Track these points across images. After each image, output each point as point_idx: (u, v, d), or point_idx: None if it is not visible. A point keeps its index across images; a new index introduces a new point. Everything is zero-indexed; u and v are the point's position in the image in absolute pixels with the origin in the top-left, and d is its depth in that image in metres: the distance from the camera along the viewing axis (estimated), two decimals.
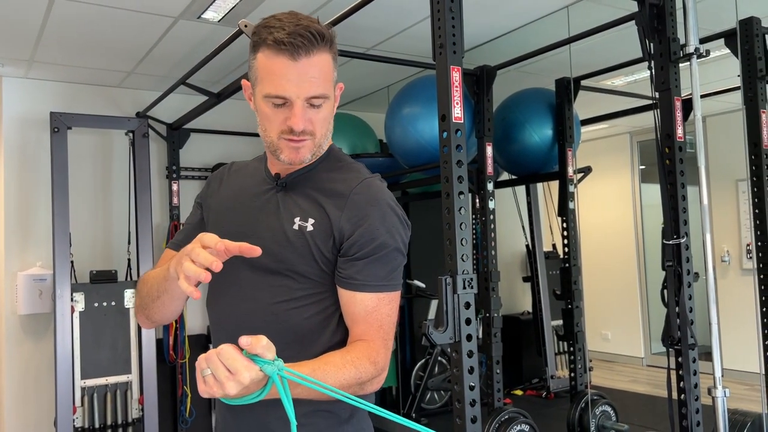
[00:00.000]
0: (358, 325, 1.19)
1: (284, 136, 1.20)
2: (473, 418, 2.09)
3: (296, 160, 1.23)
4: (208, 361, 0.92)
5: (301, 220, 1.22)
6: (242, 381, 0.91)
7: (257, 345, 0.92)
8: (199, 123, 4.38)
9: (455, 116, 2.14)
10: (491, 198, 3.72)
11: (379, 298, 1.20)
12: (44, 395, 4.07)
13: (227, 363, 0.91)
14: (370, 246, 1.19)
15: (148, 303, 1.27)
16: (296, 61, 1.16)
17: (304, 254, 1.20)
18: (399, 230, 1.23)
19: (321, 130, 1.23)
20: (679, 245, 2.53)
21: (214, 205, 1.37)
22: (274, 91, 1.17)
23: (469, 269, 2.12)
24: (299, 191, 1.27)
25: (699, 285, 2.61)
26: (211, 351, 0.92)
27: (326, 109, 1.22)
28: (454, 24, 2.16)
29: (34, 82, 4.25)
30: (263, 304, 1.22)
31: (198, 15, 3.22)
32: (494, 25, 3.56)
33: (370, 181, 1.25)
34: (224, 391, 0.91)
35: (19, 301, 3.95)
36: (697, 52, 2.52)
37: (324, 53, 1.19)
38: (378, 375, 1.16)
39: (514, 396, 5.24)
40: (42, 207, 4.14)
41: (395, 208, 1.24)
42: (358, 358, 1.12)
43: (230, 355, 0.91)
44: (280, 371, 0.94)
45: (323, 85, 1.19)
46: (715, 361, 2.48)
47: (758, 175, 2.98)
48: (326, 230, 1.20)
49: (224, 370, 0.91)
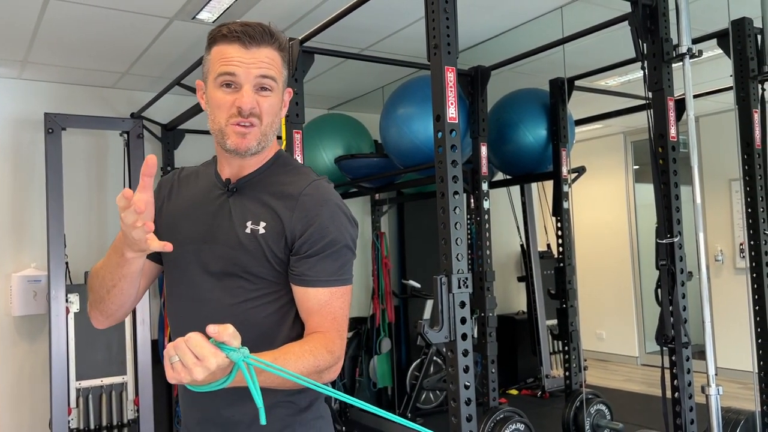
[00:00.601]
0: (313, 317, 1.24)
1: (232, 120, 1.24)
2: (469, 416, 2.10)
3: (242, 147, 1.26)
4: (176, 348, 0.95)
5: (252, 224, 1.26)
6: (209, 367, 0.94)
7: (224, 333, 0.95)
8: (194, 124, 4.37)
9: (450, 116, 2.15)
10: (486, 198, 3.74)
11: (331, 292, 1.24)
12: (39, 397, 4.06)
13: (195, 350, 0.94)
14: (321, 243, 1.23)
15: (103, 295, 1.29)
16: (247, 49, 1.23)
17: (257, 256, 1.24)
18: (348, 228, 1.28)
19: (267, 118, 1.27)
20: (672, 244, 2.55)
21: (165, 211, 1.39)
22: (225, 69, 1.23)
23: (464, 269, 2.13)
24: (249, 195, 1.30)
25: (692, 284, 2.62)
26: (179, 339, 0.95)
27: (273, 99, 1.27)
28: (449, 24, 2.17)
29: (28, 83, 4.24)
30: (222, 305, 1.26)
31: (193, 15, 3.22)
32: (488, 25, 3.58)
33: (318, 183, 1.30)
34: (191, 377, 0.94)
35: (13, 303, 3.94)
36: (690, 52, 2.54)
37: (274, 51, 1.26)
38: (335, 363, 1.20)
39: (509, 395, 5.26)
40: (36, 208, 4.13)
41: (343, 207, 1.29)
42: (316, 347, 1.17)
43: (198, 342, 0.94)
44: (246, 358, 0.98)
45: (273, 71, 1.26)
46: (709, 360, 2.50)
47: (751, 174, 3.00)
48: (278, 232, 1.24)
49: (192, 356, 0.94)
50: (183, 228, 1.34)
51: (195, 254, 1.30)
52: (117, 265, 1.23)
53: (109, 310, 1.32)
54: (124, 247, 1.16)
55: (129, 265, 1.22)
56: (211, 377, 0.96)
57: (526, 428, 3.41)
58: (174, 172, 1.47)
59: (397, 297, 5.19)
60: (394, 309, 5.11)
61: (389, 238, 5.33)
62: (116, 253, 1.22)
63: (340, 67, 4.19)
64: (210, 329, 0.95)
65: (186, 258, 1.31)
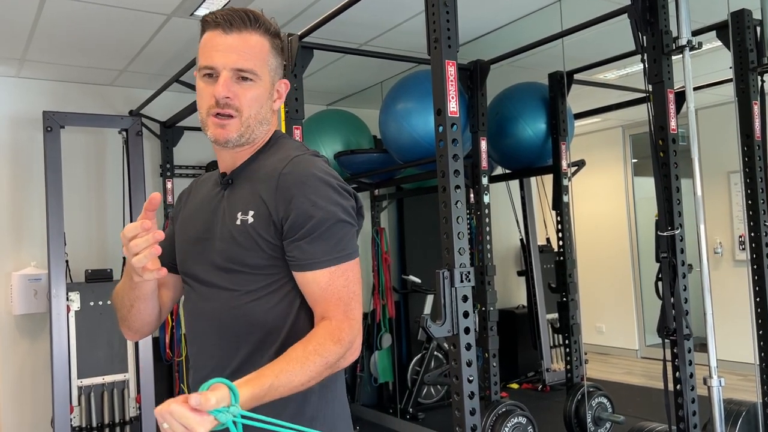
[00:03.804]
0: (318, 304, 1.19)
1: (212, 111, 1.23)
2: (472, 410, 2.11)
3: (221, 138, 1.24)
4: (162, 418, 0.94)
5: (242, 214, 1.23)
6: None
7: (206, 405, 0.93)
8: (193, 120, 4.36)
9: (451, 110, 2.15)
10: (486, 192, 3.74)
11: (330, 272, 1.18)
12: (41, 395, 4.06)
13: (180, 421, 0.92)
14: (308, 225, 1.17)
15: (125, 314, 1.32)
16: (228, 34, 1.21)
17: (251, 247, 1.21)
18: (336, 200, 1.19)
19: (249, 109, 1.24)
20: (673, 237, 2.55)
21: (179, 218, 1.42)
22: (204, 62, 1.23)
23: (467, 263, 2.13)
24: (241, 185, 1.28)
25: (693, 276, 2.63)
26: (163, 407, 0.94)
27: (257, 89, 1.24)
28: (449, 18, 2.17)
29: (26, 82, 4.22)
30: (224, 301, 1.24)
31: (190, 12, 3.21)
32: (487, 19, 3.57)
33: (299, 158, 1.23)
34: None
35: (13, 302, 3.93)
36: (690, 44, 2.53)
37: (259, 36, 1.23)
38: (347, 350, 1.15)
39: (510, 389, 5.27)
40: (36, 207, 4.12)
41: (327, 179, 1.20)
42: (320, 343, 1.12)
43: (181, 414, 0.93)
44: (236, 417, 0.96)
45: (253, 61, 1.22)
46: (711, 351, 2.50)
47: (750, 166, 3.01)
48: (266, 218, 1.20)
49: (180, 426, 0.93)
50: (189, 229, 1.34)
51: (199, 253, 1.29)
52: (129, 288, 1.27)
53: (134, 327, 1.35)
54: (131, 271, 1.19)
55: (139, 288, 1.25)
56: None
57: (528, 422, 3.42)
58: (193, 180, 1.49)
59: (397, 292, 5.19)
60: (395, 304, 5.11)
61: (389, 233, 5.33)
62: (127, 275, 1.25)
63: (338, 63, 4.19)
64: (192, 401, 0.92)
65: (192, 258, 1.31)
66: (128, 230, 1.12)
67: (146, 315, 1.32)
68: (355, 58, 3.95)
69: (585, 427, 3.73)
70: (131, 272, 1.20)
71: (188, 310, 1.35)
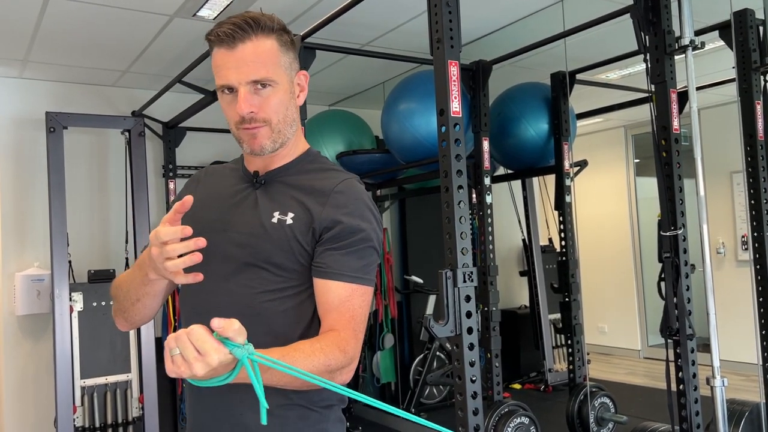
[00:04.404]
0: (330, 314, 1.19)
1: (239, 126, 1.24)
2: (475, 410, 2.11)
3: (256, 148, 1.25)
4: (177, 340, 0.90)
5: (280, 214, 1.24)
6: (210, 363, 0.89)
7: (229, 329, 0.90)
8: (195, 121, 4.37)
9: (453, 110, 2.15)
10: (488, 192, 3.74)
11: (352, 288, 1.20)
12: (44, 395, 4.07)
13: (197, 344, 0.89)
14: (350, 238, 1.21)
15: (127, 306, 1.29)
16: (233, 50, 1.20)
17: (282, 245, 1.22)
18: (376, 229, 1.26)
19: (276, 115, 1.24)
20: (676, 237, 2.55)
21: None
22: (220, 82, 1.23)
23: (470, 262, 2.13)
24: (277, 188, 1.29)
25: (695, 277, 2.62)
26: (181, 331, 0.91)
27: (278, 95, 1.24)
28: (452, 18, 2.17)
29: (29, 82, 4.23)
30: (238, 297, 1.23)
31: (193, 13, 3.21)
32: (489, 19, 3.57)
33: (351, 181, 1.28)
34: (191, 372, 0.89)
35: (17, 302, 3.94)
36: (693, 44, 2.53)
37: (265, 39, 1.22)
38: (348, 364, 1.14)
39: (512, 390, 5.26)
40: (39, 207, 4.13)
41: (374, 210, 1.28)
42: (328, 346, 1.11)
43: (200, 336, 0.89)
44: (251, 355, 0.92)
45: (265, 69, 1.21)
46: (714, 351, 2.50)
47: (753, 166, 3.00)
48: (306, 223, 1.22)
49: (193, 350, 0.89)
50: (203, 218, 1.31)
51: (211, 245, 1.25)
52: (141, 283, 1.23)
53: (132, 319, 1.32)
54: (148, 268, 1.14)
55: (152, 284, 1.22)
56: (213, 373, 0.91)
57: (531, 422, 3.42)
58: (201, 170, 1.48)
59: (399, 293, 5.19)
60: (397, 305, 5.11)
61: (391, 234, 5.33)
62: (141, 270, 1.19)
63: (341, 63, 4.19)
64: (215, 323, 0.89)
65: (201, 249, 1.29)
66: (164, 234, 1.05)
67: (149, 310, 1.30)
68: (357, 59, 3.96)
69: (588, 427, 3.73)
70: (148, 268, 1.14)
71: (191, 304, 1.31)
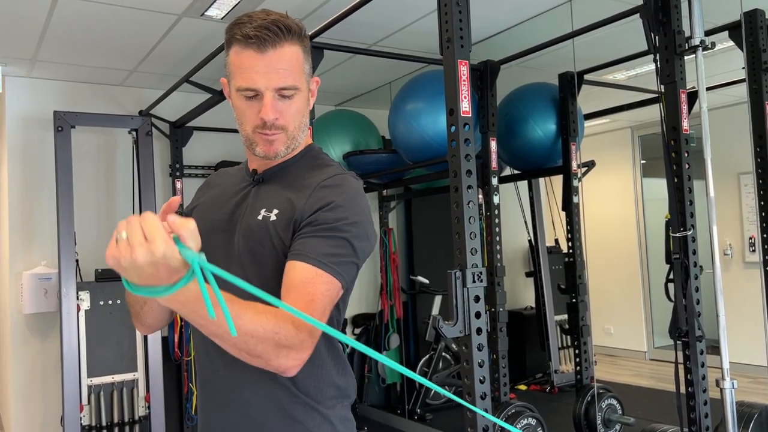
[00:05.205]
0: (290, 294, 1.11)
1: (258, 129, 1.23)
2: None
3: (271, 153, 1.25)
4: (128, 224, 0.83)
5: (266, 211, 1.24)
6: (154, 251, 0.81)
7: (182, 226, 0.83)
8: (203, 121, 4.37)
9: (463, 110, 2.14)
10: (496, 193, 3.73)
11: (317, 272, 1.12)
12: (51, 394, 4.08)
13: (146, 228, 0.81)
14: (323, 225, 1.16)
15: (138, 311, 1.29)
16: (263, 54, 1.19)
17: (263, 243, 1.22)
18: (358, 224, 1.19)
19: (293, 122, 1.25)
20: (685, 238, 2.54)
21: (197, 207, 1.41)
22: (245, 84, 1.20)
23: (479, 263, 2.13)
24: (273, 186, 1.30)
25: (704, 278, 2.61)
26: (133, 215, 0.84)
27: (298, 102, 1.24)
28: (462, 18, 2.16)
29: (37, 82, 4.24)
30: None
31: (201, 12, 3.21)
32: (497, 19, 3.56)
33: (343, 177, 1.26)
34: (132, 256, 0.81)
35: (24, 301, 3.95)
36: (703, 44, 2.52)
37: (293, 46, 1.21)
38: (297, 345, 1.05)
39: (518, 391, 5.25)
40: (46, 206, 4.14)
41: (361, 206, 1.21)
42: (283, 317, 1.03)
43: (153, 222, 0.82)
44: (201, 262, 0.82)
45: (292, 76, 1.21)
46: (723, 353, 2.48)
47: (763, 167, 2.99)
48: (289, 217, 1.21)
49: (140, 234, 0.81)
50: (208, 218, 1.33)
51: (216, 245, 1.29)
52: None
53: (146, 322, 1.31)
54: None
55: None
56: (154, 272, 0.83)
57: (538, 423, 3.41)
58: (216, 172, 1.49)
59: (405, 293, 5.19)
60: (403, 305, 5.11)
61: (397, 234, 5.33)
62: None
63: (348, 63, 4.19)
64: (169, 216, 0.83)
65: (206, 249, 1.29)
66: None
67: (159, 312, 1.30)
68: (364, 59, 3.95)
69: (595, 428, 3.71)
70: None
71: None
